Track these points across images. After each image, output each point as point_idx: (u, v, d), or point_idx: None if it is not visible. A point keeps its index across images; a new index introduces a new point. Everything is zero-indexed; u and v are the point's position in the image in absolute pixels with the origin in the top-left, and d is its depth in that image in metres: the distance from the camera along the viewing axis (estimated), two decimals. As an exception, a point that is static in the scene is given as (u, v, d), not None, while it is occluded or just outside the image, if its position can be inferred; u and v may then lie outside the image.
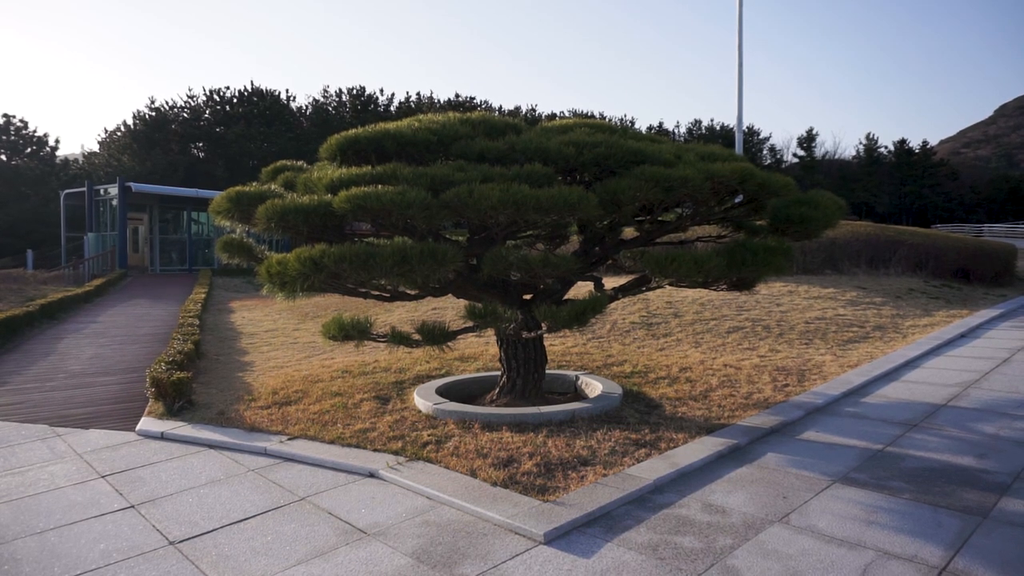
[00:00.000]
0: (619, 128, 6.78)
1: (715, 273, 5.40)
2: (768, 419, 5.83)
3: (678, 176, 5.21)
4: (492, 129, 6.35)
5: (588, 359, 8.50)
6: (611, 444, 5.17)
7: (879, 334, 10.15)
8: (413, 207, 4.82)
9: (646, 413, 6.07)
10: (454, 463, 4.83)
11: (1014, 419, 5.85)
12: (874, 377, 7.41)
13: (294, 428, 5.82)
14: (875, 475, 4.61)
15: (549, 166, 5.48)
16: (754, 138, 79.41)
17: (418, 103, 65.03)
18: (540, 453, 4.97)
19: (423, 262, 4.76)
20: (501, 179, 5.05)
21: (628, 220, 6.05)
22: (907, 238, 17.39)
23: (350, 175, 5.37)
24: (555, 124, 6.78)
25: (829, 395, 6.64)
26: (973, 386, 7.08)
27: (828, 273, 15.92)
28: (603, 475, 4.56)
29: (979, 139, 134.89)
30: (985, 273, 17.60)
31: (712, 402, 6.42)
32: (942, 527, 3.79)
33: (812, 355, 8.69)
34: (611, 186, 5.26)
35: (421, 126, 6.16)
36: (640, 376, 7.53)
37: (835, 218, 6.12)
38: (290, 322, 13.32)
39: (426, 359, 8.56)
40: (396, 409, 6.33)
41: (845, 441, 5.37)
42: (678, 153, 5.95)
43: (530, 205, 4.78)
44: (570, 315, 5.20)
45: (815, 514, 3.99)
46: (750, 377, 7.40)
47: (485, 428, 5.60)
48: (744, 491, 4.37)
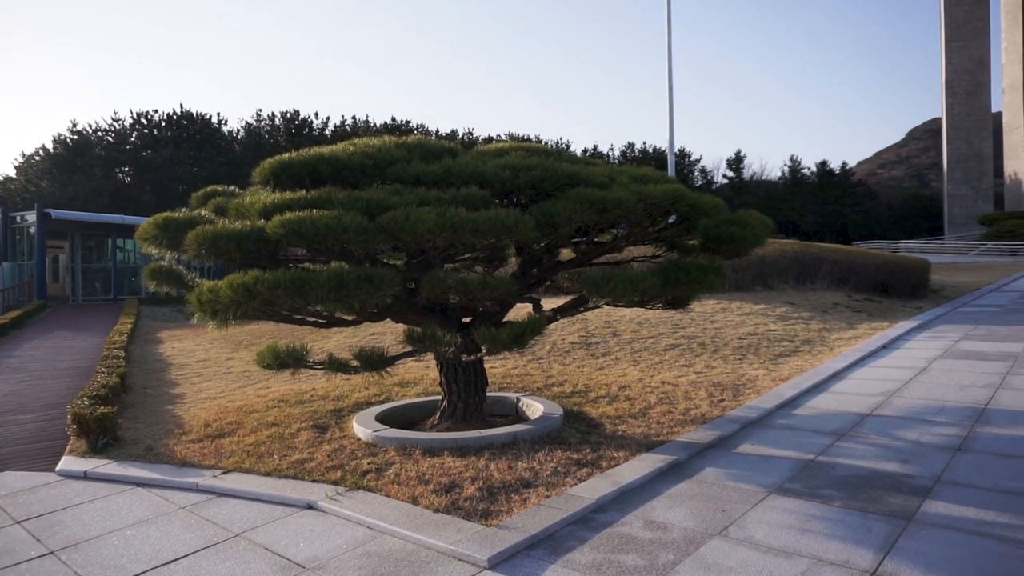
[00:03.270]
0: (554, 151, 6.89)
1: (650, 292, 5.51)
2: (706, 434, 5.95)
3: (612, 198, 5.32)
4: (428, 153, 6.36)
5: (529, 380, 8.52)
6: (553, 465, 5.18)
7: (808, 348, 10.53)
8: (349, 231, 4.77)
9: (587, 432, 6.11)
10: (395, 491, 4.75)
11: (933, 425, 6.14)
12: (804, 389, 7.66)
13: (228, 461, 5.62)
14: (808, 484, 4.75)
15: (486, 189, 5.52)
16: (686, 160, 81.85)
17: (354, 127, 64.58)
18: (482, 477, 4.94)
19: (360, 287, 4.70)
20: (438, 202, 5.05)
21: (565, 242, 6.13)
22: (831, 255, 18.17)
23: (284, 200, 5.27)
24: (491, 147, 6.84)
25: (763, 408, 6.83)
26: (895, 395, 7.40)
27: (759, 290, 16.46)
28: (546, 496, 4.56)
29: (893, 160, 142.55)
30: (903, 287, 18.52)
31: (651, 419, 6.51)
32: (871, 532, 3.92)
33: (746, 370, 8.94)
34: (547, 208, 5.33)
35: (356, 150, 6.12)
36: (580, 396, 7.59)
37: (763, 237, 6.34)
38: (223, 351, 12.91)
39: (365, 385, 8.42)
40: (335, 438, 6.19)
41: (779, 453, 5.53)
42: (612, 175, 6.08)
43: (467, 228, 4.79)
44: (510, 337, 5.21)
45: (753, 525, 4.08)
46: (687, 393, 7.56)
47: (426, 454, 5.53)
48: (684, 506, 4.43)
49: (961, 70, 65.01)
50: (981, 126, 65.23)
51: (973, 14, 65.14)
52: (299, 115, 62.60)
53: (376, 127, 65.63)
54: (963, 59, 65.05)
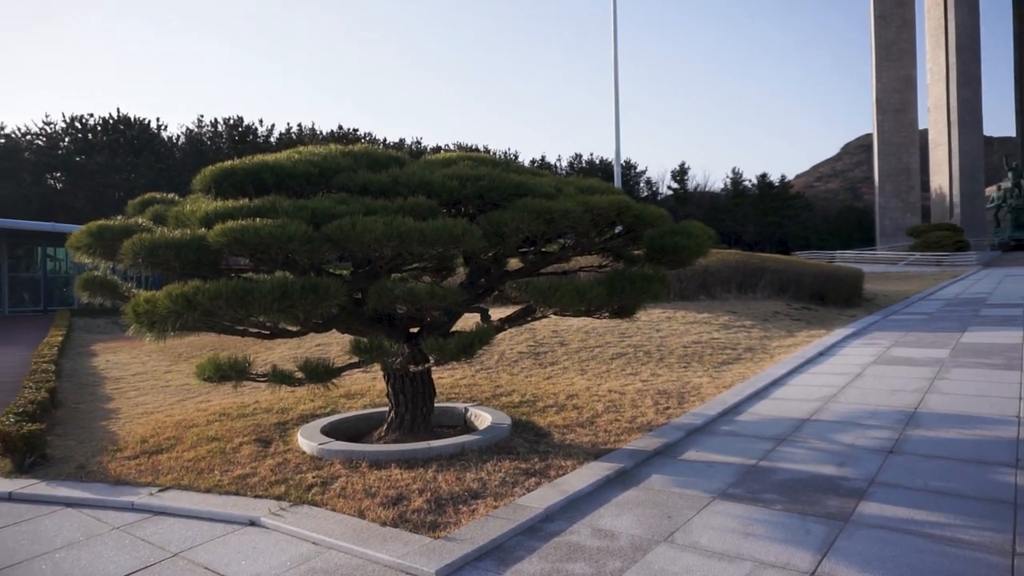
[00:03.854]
0: (502, 161, 6.91)
1: (597, 302, 5.58)
2: (652, 441, 6.03)
3: (559, 208, 5.37)
4: (375, 162, 6.31)
5: (477, 390, 8.50)
6: (501, 475, 5.17)
7: (750, 355, 10.80)
8: (294, 241, 4.69)
9: (535, 442, 6.13)
10: (341, 505, 4.66)
11: (867, 428, 6.37)
12: (747, 396, 7.85)
13: (166, 478, 5.43)
14: (750, 489, 4.86)
15: (433, 199, 5.50)
16: (632, 171, 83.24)
17: (299, 135, 63.63)
18: (430, 489, 4.90)
19: (305, 297, 4.62)
20: (385, 212, 5.01)
21: (512, 251, 6.15)
22: (771, 264, 18.72)
23: (226, 208, 5.15)
24: (439, 157, 6.82)
25: (707, 415, 6.97)
26: (832, 400, 7.65)
27: (702, 299, 16.82)
28: (494, 507, 4.54)
29: (829, 174, 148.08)
30: (838, 295, 19.21)
31: (599, 428, 6.57)
32: (810, 534, 4.04)
33: (691, 378, 9.11)
34: (495, 218, 5.34)
35: (302, 158, 6.03)
36: (529, 405, 7.60)
37: (706, 247, 6.49)
38: (161, 364, 12.49)
39: (310, 398, 8.26)
40: (279, 452, 6.05)
41: (723, 458, 5.64)
42: (559, 186, 6.14)
43: (414, 238, 4.77)
44: (458, 347, 5.19)
45: (697, 531, 4.15)
46: (634, 401, 7.65)
47: (373, 466, 5.46)
48: (631, 513, 4.48)
49: (890, 89, 68.05)
50: (909, 142, 68.35)
51: (900, 36, 68.33)
52: (243, 122, 61.33)
53: (322, 135, 64.82)
54: (892, 79, 68.12)
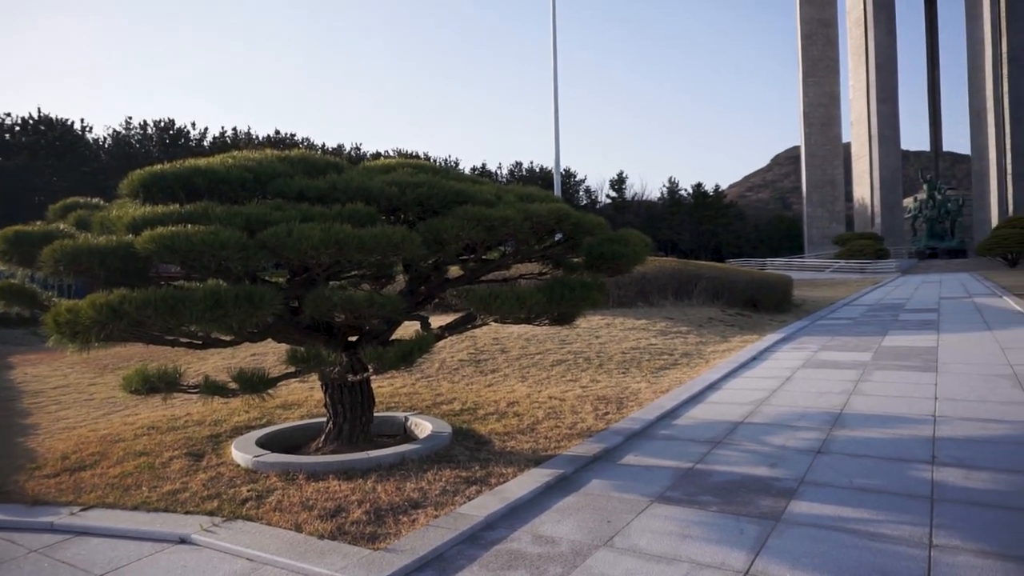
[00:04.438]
0: (442, 169, 6.90)
1: (537, 309, 5.61)
2: (592, 447, 6.10)
3: (499, 216, 5.39)
4: (312, 167, 6.20)
5: (418, 399, 8.43)
6: (442, 484, 5.13)
7: (686, 360, 11.05)
8: (227, 248, 4.56)
9: (476, 450, 6.11)
10: (277, 518, 4.55)
11: (797, 430, 6.60)
12: (683, 400, 8.03)
13: (89, 496, 5.18)
14: (687, 492, 4.97)
15: (372, 205, 5.44)
16: (571, 180, 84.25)
17: (234, 139, 62.03)
18: (369, 500, 4.82)
19: (239, 306, 4.49)
20: (322, 218, 4.93)
21: (453, 259, 6.14)
22: (706, 272, 19.23)
23: (155, 214, 4.97)
24: (378, 164, 6.76)
25: (645, 420, 7.09)
26: (764, 403, 7.90)
27: (640, 305, 17.14)
28: (435, 516, 4.51)
29: (760, 184, 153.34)
30: (769, 301, 19.88)
31: (539, 434, 6.60)
32: (744, 534, 4.15)
33: (629, 383, 9.26)
34: (434, 225, 5.32)
35: (236, 163, 5.88)
36: (469, 413, 7.58)
37: (643, 255, 6.62)
38: (84, 376, 11.92)
39: (245, 409, 8.03)
40: (211, 465, 5.86)
41: (661, 462, 5.75)
42: (499, 194, 6.16)
43: (353, 245, 4.70)
44: (397, 356, 5.14)
45: (636, 534, 4.22)
46: (574, 408, 7.72)
47: (311, 478, 5.34)
48: (572, 519, 4.52)
49: (816, 103, 71.04)
50: (834, 154, 71.49)
51: (825, 53, 71.48)
52: (174, 124, 59.41)
53: (259, 140, 63.36)
54: (817, 94, 71.14)
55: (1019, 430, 6.25)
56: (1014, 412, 6.92)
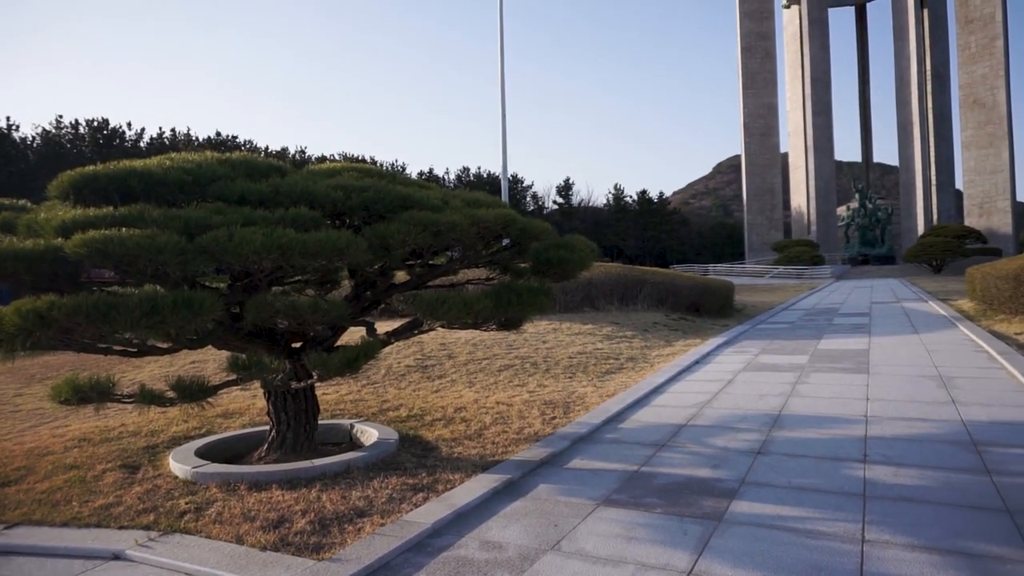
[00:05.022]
0: (389, 173, 6.84)
1: (484, 314, 5.61)
2: (539, 452, 6.13)
3: (446, 221, 5.38)
4: (255, 170, 6.07)
5: (363, 406, 8.32)
6: (388, 492, 5.08)
7: (631, 365, 11.21)
8: (165, 252, 4.42)
9: (423, 456, 6.07)
10: (217, 531, 4.42)
11: (738, 432, 6.77)
12: (629, 404, 8.14)
13: (15, 513, 4.93)
14: (632, 494, 5.04)
15: (316, 210, 5.36)
16: (518, 186, 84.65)
17: (173, 140, 60.23)
18: (314, 509, 4.73)
19: (177, 312, 4.35)
20: (265, 223, 4.82)
21: (399, 264, 6.09)
22: (651, 277, 19.56)
23: (87, 217, 4.78)
24: (323, 167, 6.66)
25: (592, 424, 7.16)
26: (707, 406, 8.08)
27: (587, 310, 17.32)
28: (381, 525, 4.45)
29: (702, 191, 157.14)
30: (712, 306, 20.35)
31: (487, 440, 6.60)
32: (687, 534, 4.23)
33: (576, 388, 9.34)
34: (380, 230, 5.27)
35: (174, 165, 5.71)
36: (416, 419, 7.53)
37: (589, 260, 6.69)
38: (9, 387, 11.36)
39: (183, 418, 7.78)
40: (148, 478, 5.65)
41: (607, 466, 5.82)
42: (446, 199, 6.15)
43: (296, 250, 4.62)
44: (342, 362, 5.07)
45: (583, 538, 4.25)
46: (521, 413, 7.75)
47: (253, 488, 5.21)
48: (519, 524, 4.52)
49: (755, 114, 73.16)
50: (772, 164, 73.70)
51: (764, 66, 73.72)
52: (108, 124, 57.31)
53: (198, 142, 61.69)
54: (757, 105, 73.28)
55: (943, 428, 6.55)
56: (939, 412, 7.25)
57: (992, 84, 60.84)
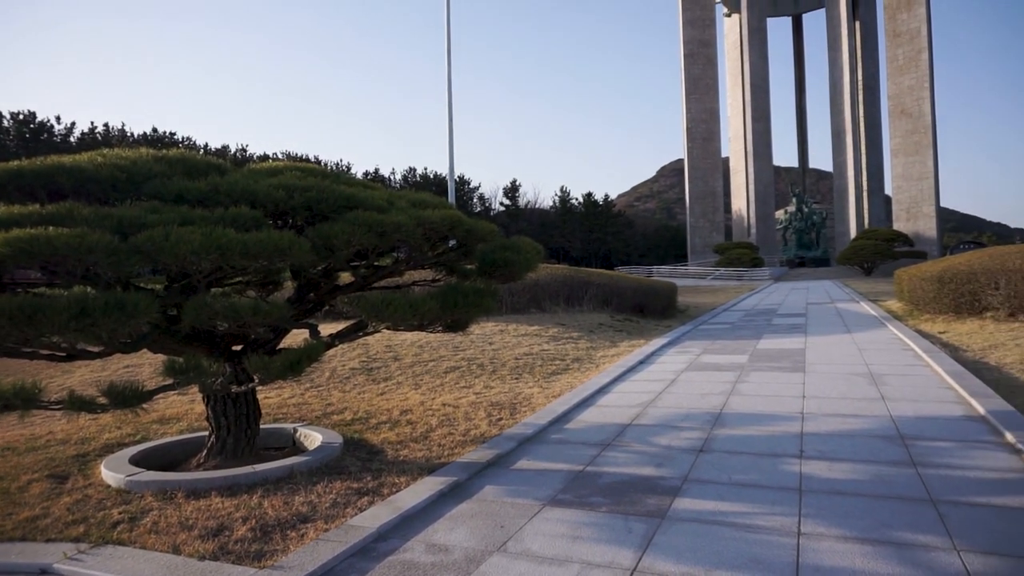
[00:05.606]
0: (332, 173, 6.74)
1: (430, 315, 5.58)
2: (485, 453, 6.12)
3: (391, 222, 5.33)
4: (193, 168, 5.90)
5: (307, 409, 8.16)
6: (333, 496, 5.00)
7: (577, 365, 11.32)
8: (96, 252, 4.25)
9: (368, 460, 5.99)
10: (152, 541, 4.27)
11: (681, 430, 6.91)
12: (575, 404, 8.21)
13: (-71, 527, 4.66)
14: (578, 494, 5.08)
15: (258, 209, 5.24)
16: (465, 187, 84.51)
17: (106, 135, 58.05)
18: (255, 516, 4.62)
19: (109, 315, 4.19)
20: (203, 222, 4.69)
21: (343, 265, 6.01)
22: (596, 279, 19.78)
23: (11, 214, 4.57)
24: (264, 166, 6.52)
25: (538, 424, 7.20)
26: (651, 405, 8.21)
27: (533, 312, 17.40)
28: (325, 530, 4.38)
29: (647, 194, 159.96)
30: (655, 307, 20.70)
31: (433, 442, 6.56)
32: (632, 532, 4.29)
33: (522, 388, 9.37)
34: (324, 231, 5.19)
35: (107, 161, 5.50)
36: (361, 423, 7.43)
37: (535, 262, 6.73)
38: (-74, 394, 10.73)
39: (117, 425, 7.49)
40: (77, 487, 5.42)
41: (553, 466, 5.85)
42: (391, 200, 6.09)
43: (236, 250, 4.50)
44: (284, 365, 4.96)
45: (529, 538, 4.27)
46: (467, 414, 7.73)
47: (191, 496, 5.05)
48: (465, 526, 4.51)
49: (698, 119, 74.84)
50: (714, 168, 75.53)
51: (706, 72, 75.50)
52: (35, 118, 54.83)
53: (134, 137, 59.57)
54: (699, 110, 74.98)
55: (873, 424, 6.83)
56: (869, 408, 7.55)
57: (918, 95, 63.78)
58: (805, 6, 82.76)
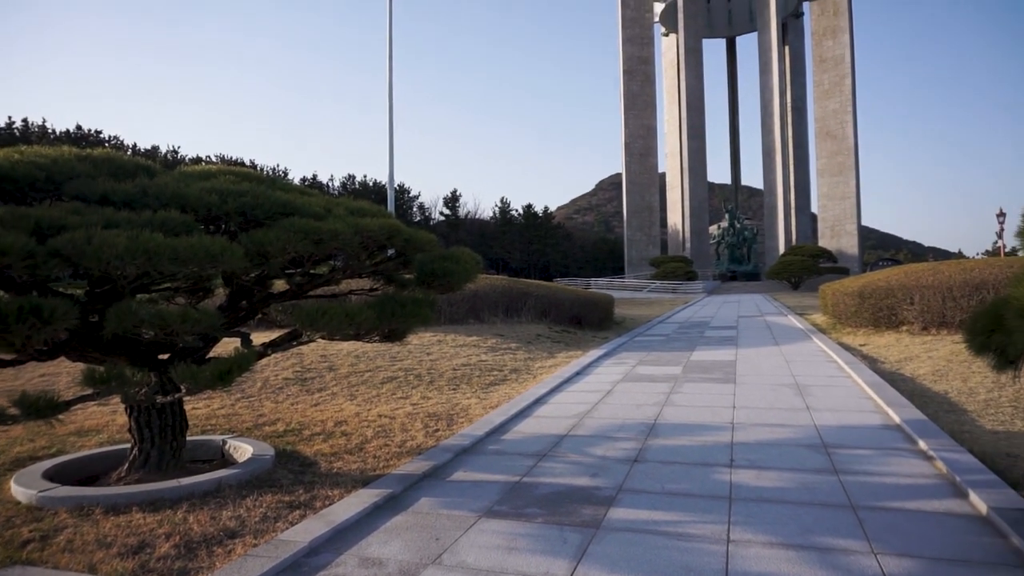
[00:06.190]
0: (268, 178, 6.59)
1: (367, 325, 5.50)
2: (421, 465, 6.06)
3: (328, 229, 5.24)
4: (120, 169, 5.67)
5: (237, 420, 7.92)
6: (262, 510, 4.85)
7: (515, 376, 11.35)
8: (10, 254, 4.02)
9: (300, 472, 5.85)
10: (67, 560, 4.05)
11: (616, 441, 7.00)
12: (512, 415, 8.22)
13: None
14: (514, 505, 5.08)
15: (189, 214, 5.07)
16: (406, 196, 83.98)
17: (25, 132, 55.24)
18: (180, 532, 4.44)
19: (24, 321, 3.97)
20: (130, 225, 4.51)
21: (278, 272, 5.87)
22: (535, 290, 19.90)
23: (-84, 214, 4.29)
24: (197, 169, 6.32)
25: (475, 436, 7.18)
26: (587, 416, 8.30)
27: (472, 322, 17.37)
28: (254, 545, 4.25)
29: (585, 207, 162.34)
30: (593, 319, 20.98)
31: (368, 454, 6.46)
32: (567, 543, 4.32)
33: (460, 399, 9.33)
34: (258, 237, 5.06)
35: (24, 159, 5.23)
36: (294, 434, 7.25)
37: (474, 272, 6.72)
38: None
39: (29, 437, 7.09)
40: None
41: (489, 477, 5.84)
42: (328, 207, 5.99)
43: (165, 255, 4.34)
44: (214, 375, 4.80)
45: (465, 550, 4.24)
46: (404, 425, 7.64)
47: (110, 512, 4.82)
48: (400, 539, 4.45)
49: (636, 135, 76.49)
50: (651, 183, 77.27)
51: (644, 89, 77.31)
52: (-55, 112, 51.67)
53: (55, 135, 56.87)
54: (637, 126, 76.66)
55: (799, 433, 7.08)
56: (796, 417, 7.82)
57: (842, 118, 66.98)
58: (739, 30, 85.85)
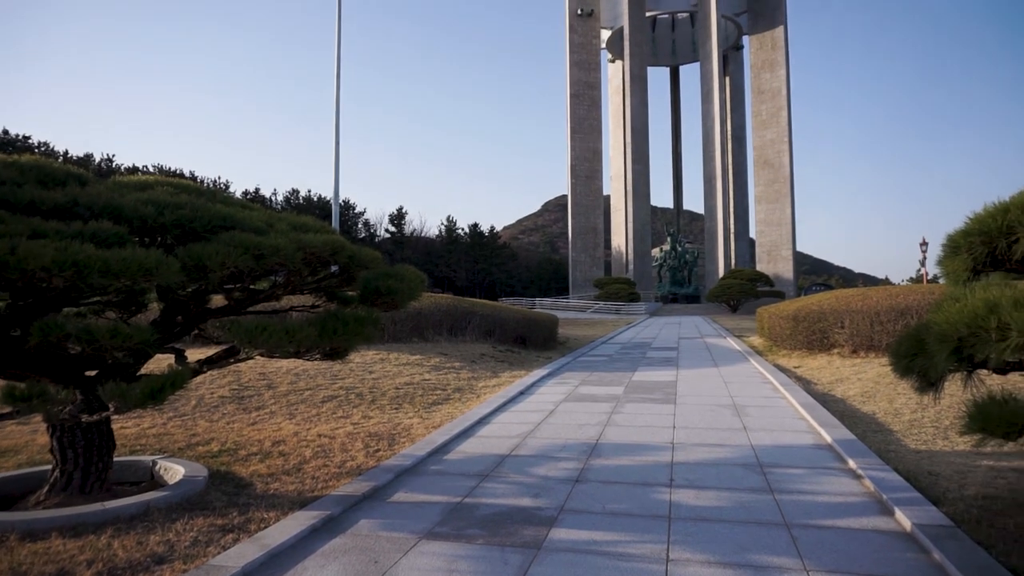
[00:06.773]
0: (208, 191, 6.44)
1: (307, 343, 5.40)
2: (361, 485, 5.95)
3: (269, 244, 5.14)
4: (49, 177, 5.45)
5: (169, 440, 7.63)
6: (193, 534, 4.67)
7: (459, 395, 11.28)
8: (-75, 265, 3.81)
9: (235, 494, 5.66)
10: (-24, 589, 3.81)
11: (558, 460, 7.02)
12: (454, 435, 8.16)
13: None
14: (455, 526, 5.03)
15: (123, 225, 4.89)
16: (351, 212, 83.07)
17: (-55, 136, 52.47)
18: (103, 559, 4.24)
19: (-62, 334, 3.75)
20: (58, 236, 4.33)
21: (217, 288, 5.71)
22: (479, 309, 19.89)
23: None
24: (132, 179, 6.13)
25: (417, 456, 7.09)
26: (530, 436, 8.30)
27: (416, 341, 17.22)
28: (183, 571, 4.08)
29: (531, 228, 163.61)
30: (537, 339, 21.07)
31: (306, 474, 6.30)
32: (508, 564, 4.29)
33: (402, 419, 9.21)
34: (196, 251, 4.92)
35: (-56, 165, 4.97)
36: (229, 454, 7.02)
37: (418, 290, 6.68)
38: None
39: (-60, 458, 6.67)
40: None
41: (431, 498, 5.77)
42: (270, 221, 5.88)
43: (95, 268, 4.18)
44: (145, 393, 4.62)
45: (403, 573, 4.17)
46: (344, 445, 7.50)
47: (27, 538, 4.56)
48: (338, 562, 4.35)
49: (582, 158, 77.67)
50: (596, 205, 78.46)
51: (590, 113, 78.72)
52: None
53: (-22, 140, 54.24)
54: (583, 149, 77.88)
55: (736, 453, 7.24)
56: (733, 437, 8.00)
57: (778, 148, 69.58)
58: (682, 59, 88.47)
